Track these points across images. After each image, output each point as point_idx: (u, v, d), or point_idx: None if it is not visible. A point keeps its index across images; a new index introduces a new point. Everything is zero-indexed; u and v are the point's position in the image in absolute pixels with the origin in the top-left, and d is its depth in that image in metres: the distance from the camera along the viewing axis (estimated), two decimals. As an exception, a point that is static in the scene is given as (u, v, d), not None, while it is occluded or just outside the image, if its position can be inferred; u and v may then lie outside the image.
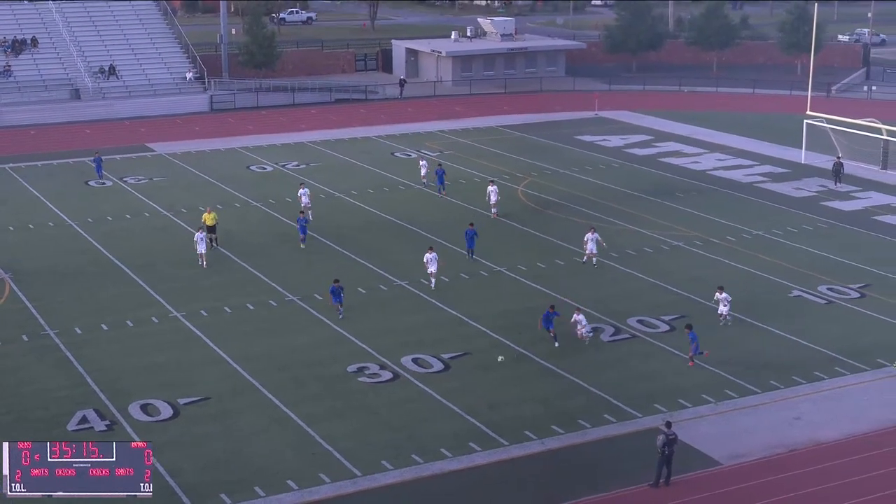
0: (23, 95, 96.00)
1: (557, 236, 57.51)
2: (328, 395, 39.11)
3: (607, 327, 45.16)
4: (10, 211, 63.57)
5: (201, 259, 52.35)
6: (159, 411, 37.78)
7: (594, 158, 77.30)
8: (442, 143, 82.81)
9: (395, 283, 50.66)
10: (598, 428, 36.78)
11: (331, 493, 32.76)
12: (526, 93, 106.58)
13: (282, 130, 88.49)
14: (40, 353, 42.92)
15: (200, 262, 52.36)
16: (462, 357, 42.36)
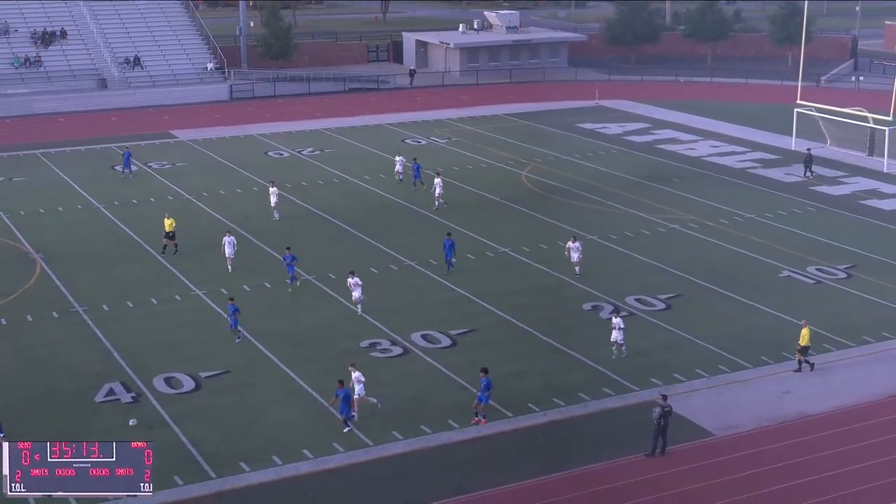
0: (52, 85, 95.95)
1: (560, 219, 57.43)
2: (341, 369, 39.11)
3: (606, 305, 45.12)
4: (40, 195, 63.62)
5: (228, 264, 49.13)
6: (182, 384, 37.86)
7: (594, 145, 77.15)
8: (450, 130, 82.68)
9: (405, 262, 50.64)
10: (597, 401, 36.80)
11: (344, 461, 32.83)
12: (530, 83, 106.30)
13: (298, 118, 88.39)
14: (69, 329, 43.02)
15: (227, 266, 49.14)
16: (468, 333, 42.37)
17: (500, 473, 32.14)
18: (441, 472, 32.26)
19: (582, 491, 31.32)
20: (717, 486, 31.48)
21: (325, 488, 31.42)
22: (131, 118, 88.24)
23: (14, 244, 53.92)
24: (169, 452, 33.09)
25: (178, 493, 30.92)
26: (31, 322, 43.69)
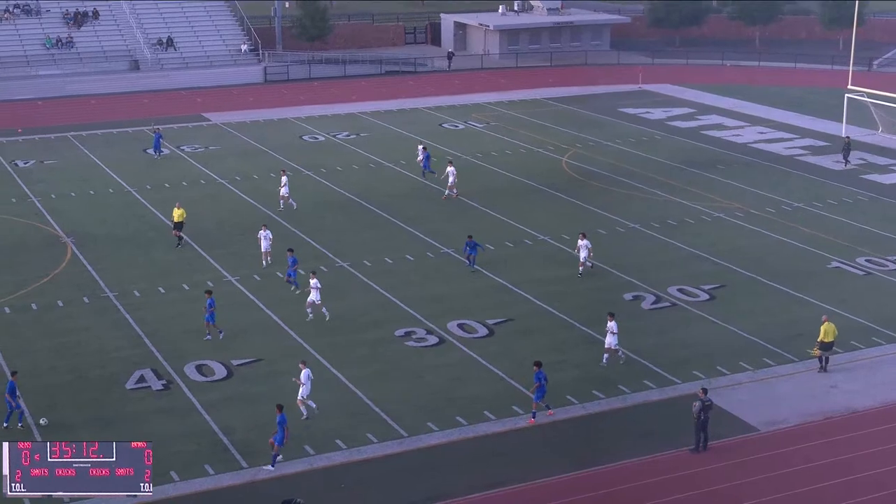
0: (84, 66, 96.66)
1: (600, 207, 57.27)
2: (375, 357, 39.28)
3: (648, 295, 44.98)
4: (71, 177, 64.14)
5: (265, 258, 48.30)
6: (214, 372, 38.11)
7: (637, 130, 76.81)
8: (488, 114, 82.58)
9: (442, 250, 50.68)
10: (637, 393, 36.71)
11: (378, 452, 32.95)
12: (571, 66, 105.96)
13: (333, 101, 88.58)
14: (100, 314, 43.39)
15: (263, 260, 48.31)
16: (505, 323, 42.38)
17: (537, 467, 32.15)
18: (476, 465, 32.30)
19: (622, 486, 31.28)
20: (761, 483, 31.34)
21: (358, 479, 31.55)
22: (164, 100, 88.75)
23: (45, 227, 54.41)
24: (200, 441, 33.37)
25: (208, 482, 31.17)
26: (62, 307, 44.10)
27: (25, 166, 66.91)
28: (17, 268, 48.38)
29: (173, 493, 30.59)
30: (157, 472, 30.89)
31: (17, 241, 52.28)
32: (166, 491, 30.61)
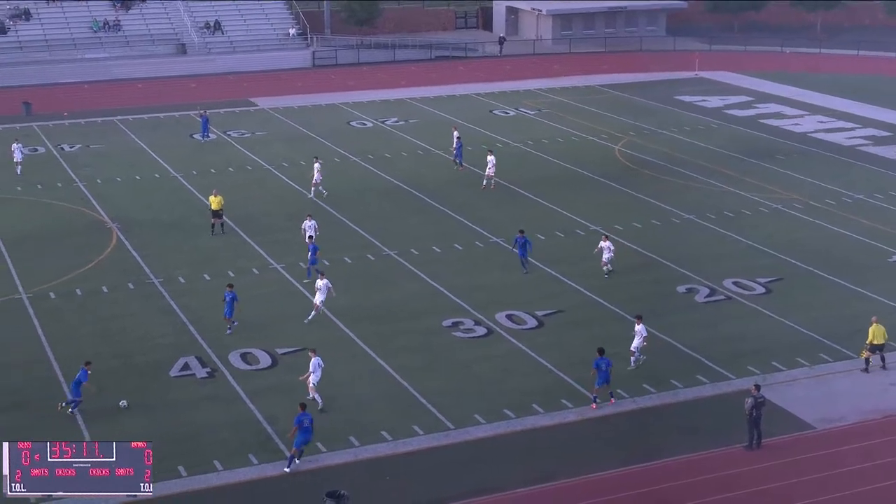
0: (131, 49, 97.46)
1: (654, 196, 56.94)
2: (422, 348, 39.31)
3: (702, 288, 44.68)
4: (117, 162, 64.70)
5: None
6: (258, 360, 38.32)
7: (693, 119, 76.28)
8: (540, 101, 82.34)
9: (491, 239, 50.62)
10: (690, 388, 36.49)
11: (424, 444, 32.99)
12: (625, 52, 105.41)
13: (382, 87, 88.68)
14: (145, 300, 43.75)
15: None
16: (555, 314, 42.26)
17: (586, 461, 32.07)
18: (524, 458, 32.25)
19: (674, 482, 31.12)
20: (816, 482, 31.06)
21: (404, 471, 31.61)
22: (211, 85, 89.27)
23: (90, 212, 54.94)
24: (244, 430, 33.58)
25: (252, 472, 31.35)
26: (107, 293, 44.52)
27: (71, 150, 67.57)
28: (62, 253, 48.88)
29: (216, 483, 30.81)
30: (200, 461, 31.38)
31: (63, 227, 52.82)
32: (209, 480, 30.85)
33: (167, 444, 32.58)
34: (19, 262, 47.82)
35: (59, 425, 33.66)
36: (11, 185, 59.44)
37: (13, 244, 50.06)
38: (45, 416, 34.29)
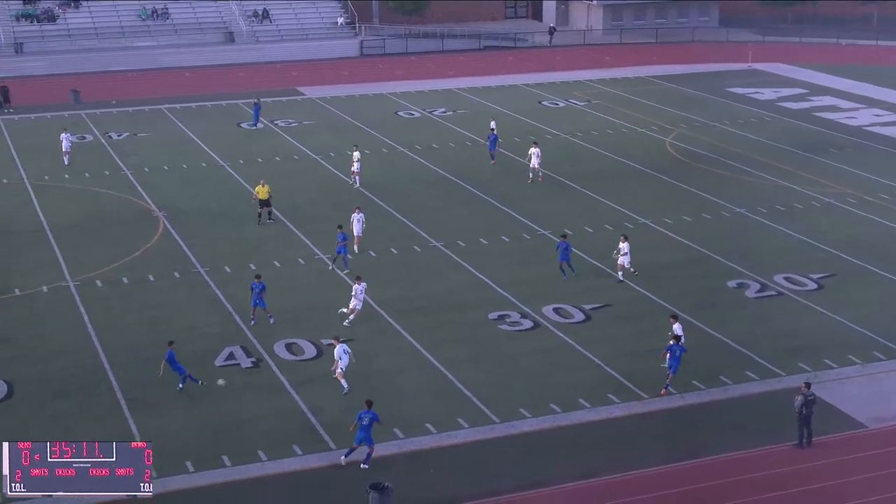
0: (179, 38, 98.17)
1: (705, 190, 56.64)
2: (468, 340, 39.36)
3: (752, 283, 44.42)
4: (164, 151, 65.23)
5: (356, 243, 47.55)
6: (303, 350, 38.54)
7: (746, 111, 75.77)
8: (590, 92, 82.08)
9: (539, 232, 50.58)
10: (739, 385, 36.30)
11: (468, 437, 33.05)
12: (677, 43, 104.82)
13: (430, 77, 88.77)
14: (191, 289, 44.11)
15: (355, 246, 47.46)
16: (603, 308, 42.18)
17: (633, 457, 31.99)
18: (570, 453, 32.25)
19: (721, 479, 30.98)
20: (867, 481, 30.82)
21: (448, 464, 31.68)
22: (258, 73, 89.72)
23: (137, 201, 55.44)
24: (288, 420, 33.79)
25: (296, 463, 31.55)
26: (153, 282, 44.93)
27: (119, 139, 68.20)
28: (108, 241, 49.37)
29: (260, 473, 31.03)
30: (244, 451, 31.63)
31: (110, 215, 53.34)
32: (253, 470, 31.08)
33: (211, 433, 32.92)
34: (66, 250, 48.37)
35: (104, 413, 34.09)
36: (59, 174, 60.10)
37: (61, 232, 50.62)
38: (89, 403, 34.72)
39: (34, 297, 43.35)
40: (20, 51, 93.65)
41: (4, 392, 35.44)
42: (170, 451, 31.72)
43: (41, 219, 52.65)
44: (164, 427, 33.33)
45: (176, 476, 30.62)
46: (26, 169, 61.13)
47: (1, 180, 59.18)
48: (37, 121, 73.18)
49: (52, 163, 61.92)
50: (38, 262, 47.06)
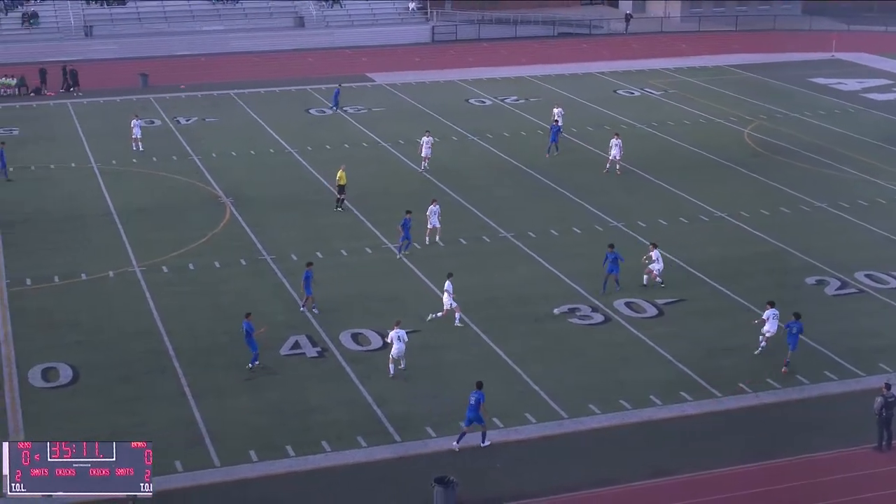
0: (249, 22, 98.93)
1: (784, 183, 55.98)
2: (537, 334, 39.24)
3: (833, 280, 43.83)
4: (232, 136, 65.73)
5: (430, 235, 47.48)
6: (369, 341, 38.65)
7: (828, 102, 74.76)
8: (666, 81, 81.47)
9: (611, 224, 50.29)
10: (817, 384, 35.85)
11: (536, 433, 32.97)
12: (758, 31, 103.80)
13: (502, 64, 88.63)
14: (257, 277, 44.42)
15: (427, 237, 47.43)
16: (677, 303, 41.85)
17: (705, 457, 31.71)
18: (640, 451, 32.05)
19: (797, 482, 30.63)
20: (950, 488, 30.36)
21: (515, 459, 31.61)
22: (328, 59, 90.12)
23: (205, 186, 55.94)
24: (353, 411, 33.91)
25: (360, 455, 31.65)
26: (219, 269, 45.31)
27: (187, 124, 68.86)
28: (175, 227, 49.87)
29: (324, 464, 31.18)
30: (308, 441, 31.79)
31: (177, 201, 53.87)
32: (317, 461, 31.24)
33: (275, 423, 33.12)
34: (133, 234, 48.93)
35: (169, 399, 34.45)
36: (127, 158, 60.80)
37: (127, 217, 51.22)
38: (154, 389, 35.11)
39: (101, 282, 43.92)
40: (90, 34, 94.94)
41: (70, 377, 35.96)
42: (233, 440, 32.03)
43: (108, 203, 53.31)
44: (228, 415, 33.62)
45: (240, 465, 30.88)
46: (94, 153, 61.95)
47: (69, 164, 60.01)
48: (105, 105, 74.10)
49: (120, 147, 62.65)
50: (104, 247, 47.67)
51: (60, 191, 55.43)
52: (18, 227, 50.08)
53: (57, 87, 77.63)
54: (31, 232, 49.42)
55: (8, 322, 40.13)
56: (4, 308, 41.38)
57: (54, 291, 43.04)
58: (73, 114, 71.43)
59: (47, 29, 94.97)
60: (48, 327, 39.76)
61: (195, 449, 31.68)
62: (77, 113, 71.65)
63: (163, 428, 32.68)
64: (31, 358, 37.12)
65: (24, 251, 47.08)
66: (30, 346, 38.15)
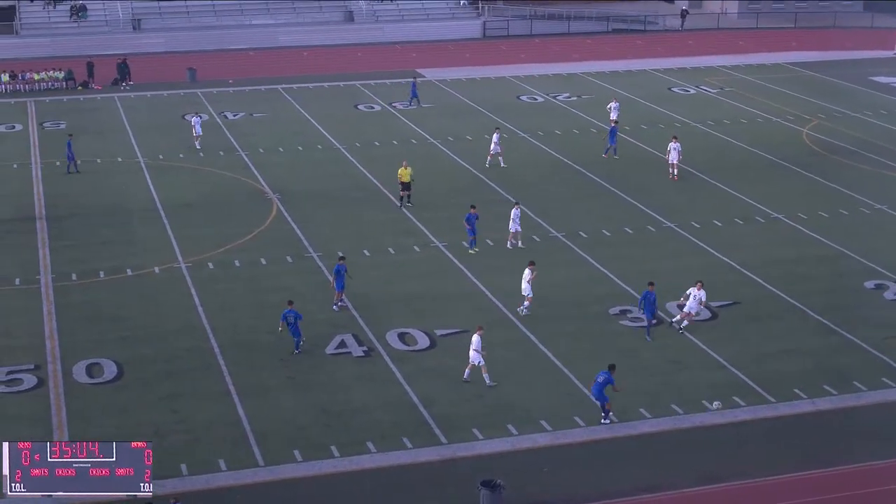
0: (298, 16, 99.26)
1: (843, 184, 55.48)
2: (587, 335, 39.13)
3: (892, 284, 43.38)
4: (280, 132, 66.05)
5: (511, 239, 47.13)
6: (416, 341, 38.70)
7: (889, 102, 74.02)
8: (723, 79, 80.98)
9: (664, 224, 50.05)
10: (874, 391, 35.48)
11: (584, 437, 32.87)
12: (818, 28, 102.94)
13: (554, 60, 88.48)
14: (303, 274, 44.59)
15: (508, 242, 47.11)
16: (731, 306, 41.58)
17: (757, 463, 31.49)
18: (691, 456, 31.87)
19: (854, 491, 30.34)
20: None
21: (563, 463, 31.53)
22: (378, 54, 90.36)
23: (251, 182, 56.26)
24: (399, 412, 33.97)
25: (405, 456, 31.69)
26: (265, 265, 45.53)
27: (234, 119, 69.29)
28: (221, 223, 50.19)
29: (369, 465, 31.25)
30: (353, 441, 31.88)
31: (223, 196, 54.21)
32: (362, 462, 31.32)
33: (320, 423, 33.25)
34: (179, 230, 49.30)
35: (213, 396, 34.67)
36: (174, 153, 61.28)
37: (174, 212, 51.62)
38: (198, 386, 35.36)
39: (146, 278, 44.30)
40: (138, 27, 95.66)
41: (115, 373, 36.29)
42: (278, 439, 32.20)
43: (154, 198, 53.76)
44: (272, 413, 33.79)
45: (284, 465, 31.03)
46: (141, 147, 62.47)
47: (116, 158, 60.55)
48: (153, 99, 74.74)
49: (167, 141, 63.16)
50: (150, 242, 48.08)
51: (107, 185, 55.97)
52: (65, 221, 50.63)
53: (108, 80, 78.22)
54: (77, 226, 49.94)
55: (53, 317, 40.57)
56: (50, 303, 41.84)
57: (100, 286, 43.46)
58: (121, 108, 72.09)
59: (96, 22, 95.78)
60: (93, 323, 40.15)
61: (239, 447, 31.87)
62: (124, 107, 72.30)
63: (206, 426, 32.92)
64: (76, 353, 37.51)
65: (70, 246, 47.58)
66: (74, 341, 38.54)
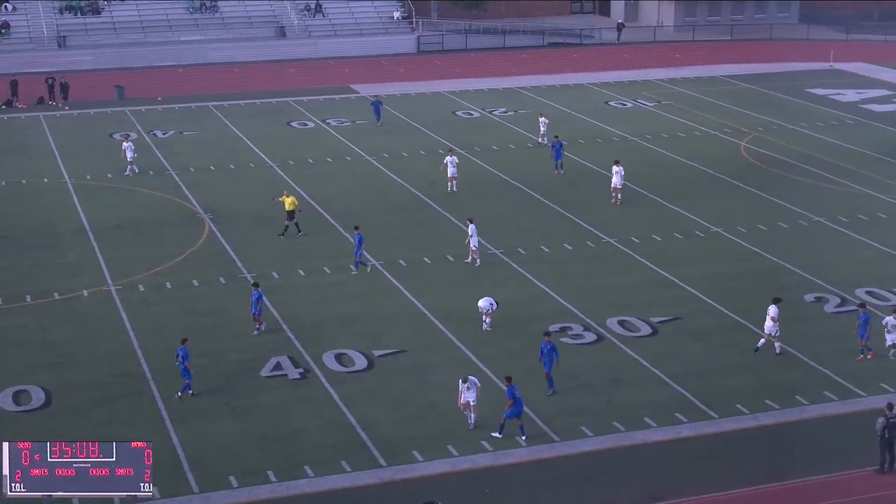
0: (228, 32, 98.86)
1: (782, 197, 56.16)
2: (527, 353, 39.21)
3: (832, 297, 43.96)
4: (211, 150, 65.75)
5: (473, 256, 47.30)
6: (353, 362, 38.63)
7: (826, 114, 75.08)
8: (660, 92, 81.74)
9: (604, 240, 50.39)
10: (817, 405, 35.91)
11: (526, 456, 32.94)
12: (754, 40, 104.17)
13: (490, 75, 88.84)
14: (237, 295, 44.32)
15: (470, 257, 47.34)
16: (672, 322, 41.93)
17: (701, 480, 31.74)
18: (634, 475, 32.06)
19: (795, 506, 30.74)
20: (955, 511, 30.44)
21: (505, 484, 31.62)
22: (310, 70, 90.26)
23: (182, 202, 55.92)
24: (337, 435, 33.88)
25: (344, 480, 31.61)
26: (197, 287, 45.27)
27: (164, 137, 68.87)
28: (151, 244, 49.84)
29: (307, 489, 31.14)
30: (291, 465, 31.74)
31: (154, 217, 53.84)
32: (300, 486, 31.20)
33: (256, 447, 33.08)
34: (108, 252, 48.89)
35: (146, 423, 34.34)
36: (102, 173, 60.76)
37: (103, 234, 51.18)
38: (130, 413, 35.04)
39: (74, 302, 43.87)
40: (63, 44, 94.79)
41: (43, 400, 35.88)
42: (213, 465, 31.99)
43: (83, 220, 53.27)
44: (208, 439, 33.57)
45: (220, 491, 30.83)
46: (68, 168, 61.91)
47: (42, 179, 59.94)
48: (80, 118, 74.11)
49: (94, 162, 62.62)
50: (79, 265, 47.63)
51: (33, 206, 55.37)
52: (-11, 244, 50.06)
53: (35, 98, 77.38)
54: (3, 250, 49.36)
55: (-22, 343, 40.07)
56: (-26, 329, 41.31)
57: (27, 311, 42.97)
58: (46, 127, 71.40)
59: (19, 39, 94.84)
60: (20, 348, 39.69)
61: (173, 475, 31.60)
62: (50, 126, 71.62)
63: (139, 453, 32.60)
64: (3, 380, 37.02)
65: (-5, 270, 47.05)
66: (1, 367, 38.06)
